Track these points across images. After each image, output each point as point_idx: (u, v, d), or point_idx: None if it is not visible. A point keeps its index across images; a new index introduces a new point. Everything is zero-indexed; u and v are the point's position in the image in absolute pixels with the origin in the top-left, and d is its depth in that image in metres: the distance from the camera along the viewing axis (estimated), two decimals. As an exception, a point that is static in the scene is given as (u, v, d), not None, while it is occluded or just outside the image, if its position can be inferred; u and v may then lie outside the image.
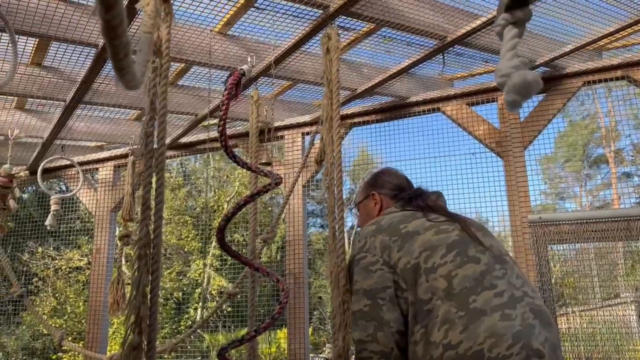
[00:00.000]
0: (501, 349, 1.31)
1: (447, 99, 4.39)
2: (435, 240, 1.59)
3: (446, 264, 1.51)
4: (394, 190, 1.99)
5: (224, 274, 15.00)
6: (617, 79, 3.97)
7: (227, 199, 15.76)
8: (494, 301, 1.40)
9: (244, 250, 11.38)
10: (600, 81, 4.00)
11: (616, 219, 3.48)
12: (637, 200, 17.90)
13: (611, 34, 3.46)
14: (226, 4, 2.99)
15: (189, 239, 15.14)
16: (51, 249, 13.44)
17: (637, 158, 18.87)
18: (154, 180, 1.89)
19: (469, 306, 1.40)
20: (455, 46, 3.57)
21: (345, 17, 3.08)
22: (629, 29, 3.44)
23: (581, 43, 3.61)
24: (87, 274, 12.71)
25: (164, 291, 13.99)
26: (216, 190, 16.73)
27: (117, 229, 5.03)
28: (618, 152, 19.39)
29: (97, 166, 5.21)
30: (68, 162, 4.89)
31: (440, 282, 1.48)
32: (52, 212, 4.11)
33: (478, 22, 3.25)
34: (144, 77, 1.50)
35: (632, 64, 3.87)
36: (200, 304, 14.93)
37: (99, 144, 5.19)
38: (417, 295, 1.52)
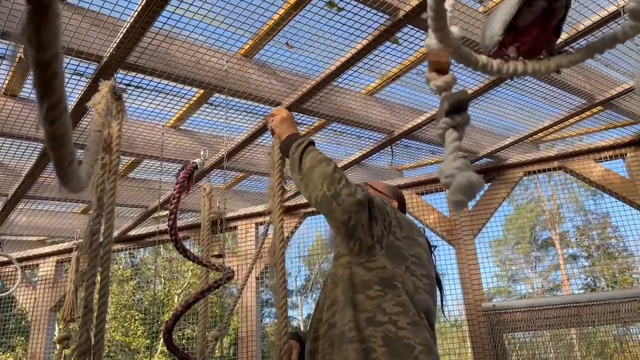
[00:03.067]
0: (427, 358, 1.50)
1: (398, 188, 4.50)
2: (427, 261, 1.74)
3: (420, 281, 1.66)
4: (402, 209, 2.09)
5: (173, 373, 14.07)
6: (554, 169, 4.21)
7: (178, 292, 15.14)
8: (433, 333, 1.62)
9: (194, 346, 10.78)
10: (539, 171, 4.23)
11: (566, 305, 3.54)
12: (585, 282, 18.43)
13: (546, 128, 3.71)
14: (179, 101, 3.04)
15: (136, 336, 14.26)
16: (-19, 351, 12.34)
17: (581, 240, 19.64)
18: (98, 279, 1.81)
19: (420, 314, 1.57)
20: (403, 139, 3.73)
21: (296, 113, 3.18)
22: (560, 124, 3.71)
23: (520, 136, 3.85)
24: (20, 379, 11.63)
25: (106, 395, 12.90)
26: (166, 282, 16.09)
27: (56, 329, 4.69)
28: (563, 234, 20.15)
29: (38, 262, 4.94)
30: (5, 259, 4.62)
31: (409, 284, 1.61)
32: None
33: (423, 117, 3.42)
34: (90, 178, 1.47)
35: (567, 155, 4.13)
36: (146, 407, 13.82)
37: (42, 238, 4.96)
38: (388, 256, 1.62)
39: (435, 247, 1.95)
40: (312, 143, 1.70)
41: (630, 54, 2.92)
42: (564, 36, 2.60)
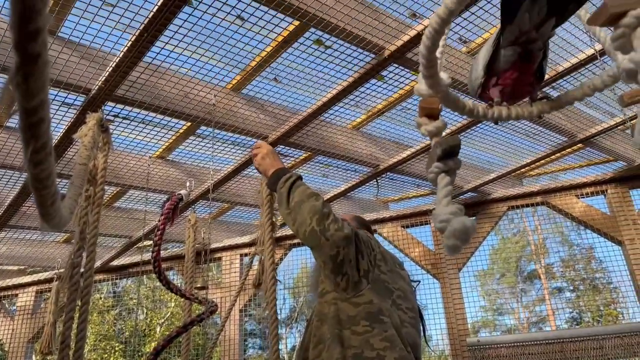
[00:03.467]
0: None
1: (383, 221, 4.52)
2: (410, 294, 1.75)
3: (406, 314, 1.67)
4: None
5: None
6: (537, 204, 4.27)
7: (160, 322, 14.84)
8: None
9: (176, 379, 10.51)
10: (523, 206, 4.29)
11: (551, 341, 3.54)
12: (570, 315, 18.43)
13: (529, 164, 3.78)
14: (167, 132, 3.06)
15: (116, 368, 13.89)
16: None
17: (567, 273, 19.72)
18: (77, 314, 1.78)
19: (407, 348, 1.57)
20: (388, 173, 3.77)
21: (283, 146, 3.21)
22: (542, 160, 3.78)
23: (504, 171, 3.91)
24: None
25: None
26: (149, 312, 15.78)
27: (33, 361, 4.57)
28: (548, 267, 20.23)
29: (17, 292, 4.84)
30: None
31: (396, 318, 1.61)
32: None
33: (407, 152, 3.47)
34: (72, 215, 1.47)
35: (549, 190, 4.20)
36: None
37: (22, 267, 4.87)
38: (375, 290, 1.62)
39: (419, 282, 1.95)
40: (299, 178, 1.72)
41: (609, 95, 3.01)
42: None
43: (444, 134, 0.94)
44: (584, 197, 4.17)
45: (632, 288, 3.90)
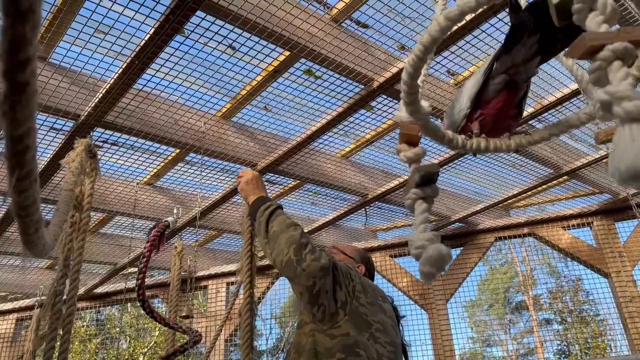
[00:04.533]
0: None
1: (372, 250, 4.51)
2: (391, 328, 1.72)
3: (384, 348, 1.64)
4: (370, 272, 2.04)
5: None
6: (524, 235, 4.29)
7: (144, 350, 14.52)
8: None
9: (158, 411, 10.24)
10: (510, 237, 4.31)
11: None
12: (559, 347, 18.32)
13: (515, 195, 3.81)
14: (156, 159, 3.05)
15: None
16: None
17: (555, 304, 19.69)
18: (57, 345, 1.74)
19: None
20: (377, 202, 3.77)
21: (272, 174, 3.21)
22: (529, 192, 3.82)
23: (491, 202, 3.93)
24: None
25: None
26: (132, 340, 15.44)
27: (10, 392, 4.43)
28: (536, 297, 20.20)
29: (-3, 318, 4.73)
30: (-37, 315, 4.42)
31: (372, 352, 1.59)
32: None
33: (396, 181, 3.49)
34: (56, 242, 1.45)
35: (536, 222, 4.23)
36: None
37: (3, 294, 4.77)
38: (352, 322, 1.59)
39: (404, 316, 1.94)
40: (279, 207, 1.71)
41: (593, 129, 3.06)
42: (530, 110, 2.72)
43: (423, 162, 0.94)
44: (570, 229, 4.20)
45: (618, 320, 3.90)
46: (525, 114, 2.68)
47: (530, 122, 2.86)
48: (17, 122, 0.63)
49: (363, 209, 3.92)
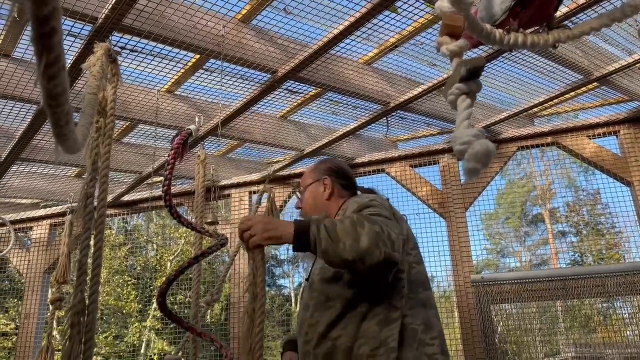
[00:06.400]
0: (428, 337, 1.60)
1: (392, 160, 4.52)
2: (411, 233, 1.79)
3: (411, 256, 1.71)
4: (349, 182, 1.96)
5: (165, 337, 14.27)
6: (548, 145, 4.23)
7: (171, 258, 15.24)
8: (431, 301, 1.70)
9: (187, 312, 10.93)
10: (533, 147, 4.25)
11: (553, 278, 3.61)
12: (573, 258, 18.72)
13: (542, 103, 3.71)
14: (176, 65, 3.01)
15: (129, 301, 14.41)
16: (-26, 312, 12.45)
17: (571, 217, 19.86)
18: (92, 243, 1.82)
19: (417, 295, 1.65)
20: (399, 111, 3.72)
21: (293, 82, 3.16)
22: (556, 99, 3.71)
23: (515, 111, 3.85)
24: (14, 340, 11.77)
25: (99, 357, 13.10)
26: (159, 248, 16.18)
27: (49, 291, 4.74)
28: (553, 211, 20.36)
29: (32, 225, 4.95)
30: None
31: (405, 266, 1.66)
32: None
33: (419, 89, 3.41)
34: (85, 141, 1.47)
35: (561, 131, 4.15)
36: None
37: (35, 201, 4.96)
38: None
39: (406, 216, 1.93)
40: (322, 219, 1.47)
41: (629, 30, 2.91)
42: (564, 10, 2.58)
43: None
44: (595, 138, 4.12)
45: (637, 229, 3.93)
46: (559, 14, 2.54)
47: (564, 23, 2.72)
48: (42, 1, 0.61)
49: (385, 119, 3.88)
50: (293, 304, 20.58)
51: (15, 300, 12.11)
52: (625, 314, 3.74)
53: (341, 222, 1.43)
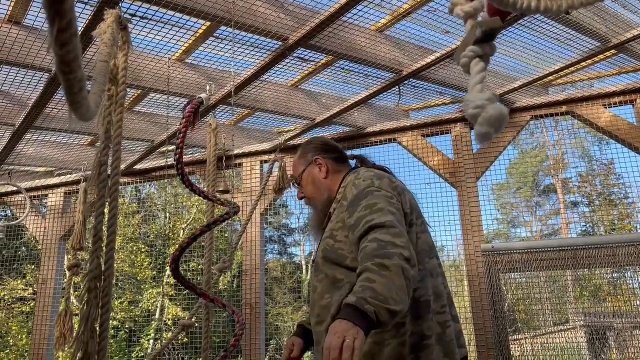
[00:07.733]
0: (438, 306, 1.65)
1: (403, 130, 4.49)
2: (414, 202, 1.80)
3: (415, 226, 1.72)
4: (339, 153, 1.96)
5: (178, 303, 14.58)
6: (562, 114, 4.17)
7: (184, 226, 15.43)
8: (437, 269, 1.73)
9: (199, 278, 11.13)
10: (547, 116, 4.20)
11: (564, 248, 3.61)
12: (584, 228, 18.66)
13: (557, 71, 3.64)
14: (186, 33, 2.99)
15: (142, 268, 14.69)
16: (-7, 277, 12.76)
17: (584, 187, 19.71)
18: (106, 210, 1.85)
19: (425, 265, 1.68)
20: (411, 79, 3.68)
21: (304, 50, 3.13)
22: (572, 68, 3.64)
23: (529, 79, 3.79)
24: (31, 305, 12.10)
25: (115, 322, 13.45)
26: (172, 217, 16.37)
27: (65, 258, 4.84)
28: (566, 181, 20.21)
29: (47, 192, 5.03)
30: (15, 189, 4.70)
31: (413, 237, 1.67)
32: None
33: (432, 57, 3.36)
34: (98, 108, 1.48)
35: (576, 100, 4.08)
36: (153, 334, 14.43)
37: (49, 169, 5.02)
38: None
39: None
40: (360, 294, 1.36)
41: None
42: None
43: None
44: (611, 107, 4.05)
45: (651, 199, 3.89)
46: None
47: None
48: (53, -35, 0.61)
49: (397, 87, 3.84)
50: (304, 272, 20.84)
51: (32, 267, 12.40)
52: (636, 283, 3.75)
53: (370, 281, 1.37)
